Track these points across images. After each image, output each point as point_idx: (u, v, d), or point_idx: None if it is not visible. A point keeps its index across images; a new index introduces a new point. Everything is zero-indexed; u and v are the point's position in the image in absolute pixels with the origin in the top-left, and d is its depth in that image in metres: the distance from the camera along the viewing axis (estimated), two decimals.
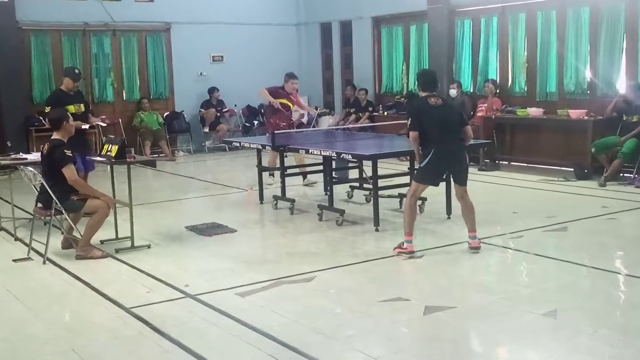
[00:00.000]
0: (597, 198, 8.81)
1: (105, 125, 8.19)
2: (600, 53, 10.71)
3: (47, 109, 7.83)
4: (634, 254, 6.40)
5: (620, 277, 5.81)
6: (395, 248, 6.46)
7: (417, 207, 6.72)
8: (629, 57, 10.47)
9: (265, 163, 9.65)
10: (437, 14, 12.91)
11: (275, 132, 9.12)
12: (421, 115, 6.38)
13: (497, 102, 11.71)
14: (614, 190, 9.25)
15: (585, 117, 10.45)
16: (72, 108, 7.90)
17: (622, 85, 10.47)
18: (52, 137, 6.59)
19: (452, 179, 6.80)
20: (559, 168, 10.72)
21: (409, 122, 6.47)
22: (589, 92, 10.99)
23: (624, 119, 9.98)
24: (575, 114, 10.53)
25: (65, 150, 6.41)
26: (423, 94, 6.52)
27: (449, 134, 6.41)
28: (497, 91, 11.93)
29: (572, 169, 10.28)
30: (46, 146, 6.58)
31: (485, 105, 11.77)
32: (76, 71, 8.55)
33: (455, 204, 7.75)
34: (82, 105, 8.39)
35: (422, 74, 6.80)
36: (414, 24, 13.81)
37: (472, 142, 9.25)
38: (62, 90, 8.37)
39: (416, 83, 6.92)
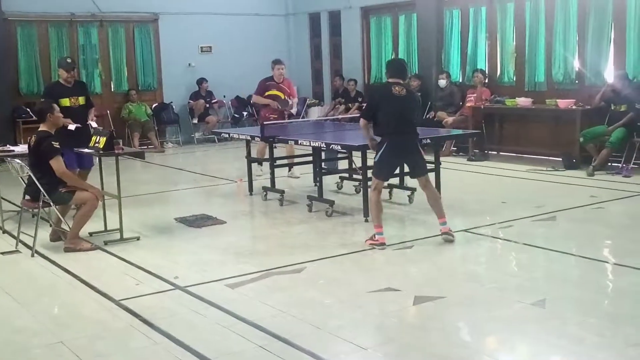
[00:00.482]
0: (586, 187, 8.85)
1: (94, 127, 7.66)
2: (588, 43, 10.74)
3: (41, 101, 7.67)
4: (622, 243, 6.44)
5: (609, 266, 5.84)
6: (367, 240, 6.45)
7: (380, 201, 6.59)
8: (617, 46, 10.50)
9: (254, 154, 9.63)
10: (426, 4, 12.89)
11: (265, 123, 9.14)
12: (381, 103, 6.31)
13: (486, 92, 11.73)
14: (602, 179, 9.30)
15: (574, 107, 10.48)
16: (66, 101, 7.64)
17: (610, 75, 10.51)
18: (39, 129, 6.55)
19: (409, 171, 6.71)
20: (548, 158, 10.75)
21: (364, 108, 6.48)
22: (577, 81, 11.02)
23: (612, 108, 10.01)
24: (563, 103, 10.57)
25: (53, 142, 6.36)
26: (389, 80, 6.44)
27: (405, 125, 6.35)
28: (486, 81, 11.94)
29: (561, 159, 10.31)
30: (33, 138, 6.53)
31: (474, 95, 11.78)
32: (68, 60, 8.06)
33: (445, 194, 7.79)
34: (80, 98, 7.91)
35: (391, 61, 6.91)
36: (402, 14, 13.79)
37: (461, 132, 9.34)
38: (59, 82, 8.01)
39: (385, 70, 6.97)
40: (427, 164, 6.79)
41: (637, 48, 10.22)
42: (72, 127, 7.56)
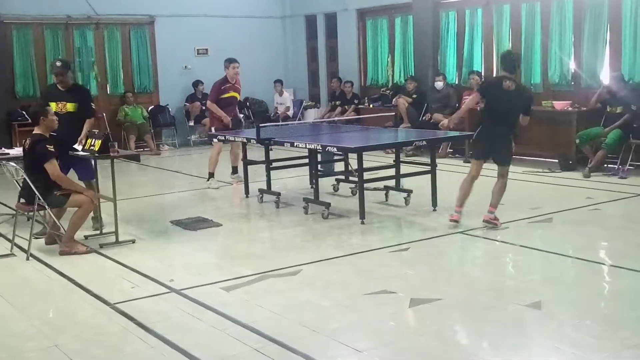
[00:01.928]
0: (582, 189, 8.86)
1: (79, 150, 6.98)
2: (584, 44, 10.76)
3: (36, 104, 7.47)
4: (618, 245, 6.44)
5: (605, 267, 5.84)
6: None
7: (470, 184, 7.08)
8: (612, 48, 10.52)
9: (250, 157, 9.59)
10: (422, 6, 12.91)
11: (219, 126, 9.62)
12: (490, 92, 6.83)
13: None
14: (599, 181, 9.30)
15: (570, 109, 10.50)
16: (54, 105, 7.09)
17: (605, 77, 10.52)
18: (33, 132, 6.52)
19: (493, 157, 7.03)
20: (544, 159, 10.76)
21: (479, 86, 7.21)
22: (573, 83, 11.04)
23: (608, 110, 10.03)
24: (559, 105, 10.58)
25: (47, 146, 6.34)
26: (502, 74, 6.88)
27: (502, 118, 6.80)
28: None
29: (557, 160, 10.32)
30: (28, 141, 6.52)
31: (471, 96, 11.75)
32: (57, 63, 7.40)
33: (441, 196, 7.80)
34: (68, 105, 7.17)
35: (505, 55, 7.22)
36: (398, 16, 13.80)
37: (456, 133, 9.34)
38: (53, 85, 7.47)
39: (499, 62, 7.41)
40: (423, 166, 6.85)
41: (632, 50, 10.23)
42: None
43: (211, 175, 9.94)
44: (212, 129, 9.92)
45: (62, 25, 13.81)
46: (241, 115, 15.21)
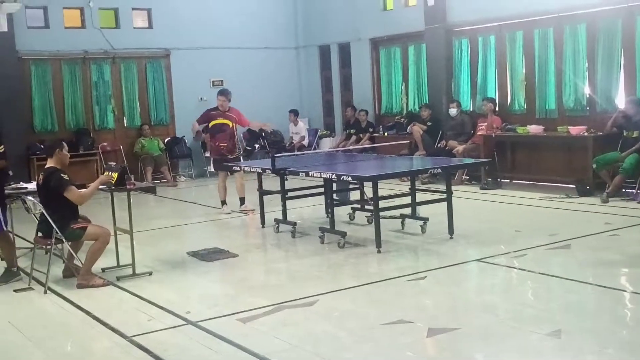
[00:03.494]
0: (600, 214, 8.77)
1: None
2: (598, 69, 10.74)
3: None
4: (638, 271, 6.35)
5: (626, 294, 5.76)
6: None
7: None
8: (627, 72, 10.49)
9: (266, 187, 9.61)
10: (435, 34, 12.97)
11: (216, 155, 10.09)
12: None
13: (497, 120, 11.72)
14: (617, 206, 9.21)
15: (586, 134, 10.45)
16: None
17: (621, 101, 10.48)
18: (46, 166, 6.59)
19: None
20: (561, 185, 10.68)
21: None
22: (588, 108, 11.00)
23: (624, 134, 9.97)
24: (575, 130, 10.53)
25: (62, 175, 6.39)
26: None
27: None
28: (497, 109, 11.95)
29: (574, 186, 10.24)
30: (41, 175, 6.58)
31: (486, 124, 11.78)
32: None
33: (458, 223, 7.75)
34: None
35: None
36: (411, 45, 13.87)
37: (472, 160, 9.30)
38: None
39: None
40: (439, 193, 6.73)
41: None
42: None
43: (223, 202, 10.21)
44: (212, 159, 10.23)
45: (79, 60, 14.01)
46: (256, 146, 15.36)
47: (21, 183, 8.26)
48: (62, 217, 6.43)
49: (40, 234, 6.73)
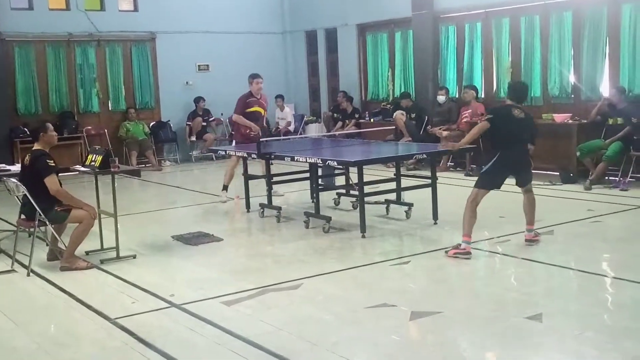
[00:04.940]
0: (583, 201, 8.85)
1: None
2: (583, 57, 10.79)
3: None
4: (620, 257, 6.42)
5: (607, 279, 5.83)
6: (450, 250, 6.42)
7: (476, 211, 6.57)
8: (611, 61, 10.55)
9: (251, 172, 9.59)
10: (422, 20, 12.97)
11: (242, 140, 9.54)
12: (501, 121, 6.52)
13: (481, 107, 11.72)
14: (600, 193, 9.30)
15: (570, 121, 10.51)
16: None
17: (605, 89, 10.54)
18: (33, 148, 6.55)
19: (515, 180, 6.86)
20: (545, 172, 10.74)
21: (487, 115, 6.73)
22: (573, 96, 11.06)
23: (609, 122, 10.04)
24: (560, 118, 10.59)
25: (48, 161, 6.36)
26: (509, 103, 6.74)
27: (518, 143, 6.63)
28: (482, 96, 11.97)
29: (558, 173, 10.31)
30: (27, 157, 6.53)
31: (469, 111, 11.80)
32: None
33: (442, 209, 7.79)
34: None
35: (515, 86, 7.04)
36: (398, 31, 13.86)
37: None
38: None
39: (507, 91, 7.19)
40: (424, 179, 6.75)
41: (631, 62, 10.26)
42: None
43: (225, 187, 9.90)
44: (234, 142, 9.90)
45: (64, 42, 13.89)
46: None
47: (4, 165, 8.20)
48: (46, 200, 6.39)
49: (23, 217, 6.69)
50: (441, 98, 12.33)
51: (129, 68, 14.63)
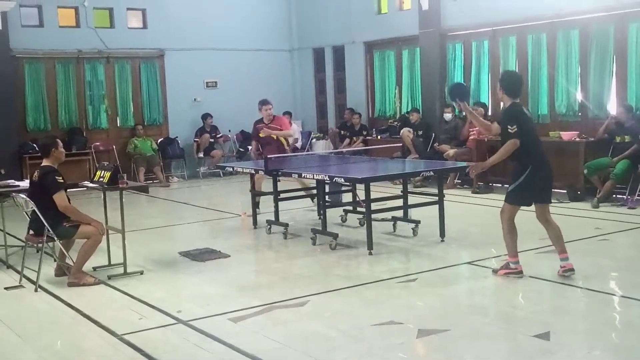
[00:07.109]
0: (591, 219, 8.82)
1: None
2: (590, 75, 10.81)
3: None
4: (627, 275, 6.39)
5: (615, 298, 5.79)
6: (500, 270, 6.27)
7: (515, 228, 6.18)
8: (619, 78, 10.56)
9: (257, 188, 9.61)
10: (429, 38, 13.02)
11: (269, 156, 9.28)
12: (523, 124, 5.81)
13: None
14: (607, 211, 9.27)
15: (577, 139, 10.50)
16: None
17: (613, 107, 10.54)
18: (42, 164, 6.59)
19: (542, 197, 6.18)
20: (552, 190, 10.70)
21: (514, 128, 5.81)
22: (580, 113, 11.07)
23: (616, 140, 10.03)
24: (567, 135, 10.58)
25: (57, 177, 6.40)
26: (517, 100, 6.00)
27: (541, 148, 5.99)
28: (490, 114, 11.98)
29: (565, 191, 10.29)
30: (36, 173, 6.57)
31: (477, 128, 11.79)
32: None
33: (449, 227, 7.78)
34: None
35: (512, 79, 6.18)
36: (406, 49, 13.92)
37: (464, 164, 9.33)
38: None
39: (500, 86, 6.18)
40: (431, 197, 6.75)
41: (639, 80, 10.27)
42: None
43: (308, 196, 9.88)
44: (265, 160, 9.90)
45: (73, 59, 14.00)
46: (249, 147, 15.30)
47: (13, 181, 8.23)
48: (54, 216, 6.42)
49: (31, 232, 6.72)
50: (448, 116, 12.36)
51: (138, 85, 14.73)
